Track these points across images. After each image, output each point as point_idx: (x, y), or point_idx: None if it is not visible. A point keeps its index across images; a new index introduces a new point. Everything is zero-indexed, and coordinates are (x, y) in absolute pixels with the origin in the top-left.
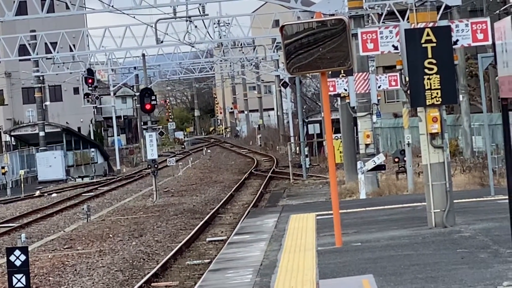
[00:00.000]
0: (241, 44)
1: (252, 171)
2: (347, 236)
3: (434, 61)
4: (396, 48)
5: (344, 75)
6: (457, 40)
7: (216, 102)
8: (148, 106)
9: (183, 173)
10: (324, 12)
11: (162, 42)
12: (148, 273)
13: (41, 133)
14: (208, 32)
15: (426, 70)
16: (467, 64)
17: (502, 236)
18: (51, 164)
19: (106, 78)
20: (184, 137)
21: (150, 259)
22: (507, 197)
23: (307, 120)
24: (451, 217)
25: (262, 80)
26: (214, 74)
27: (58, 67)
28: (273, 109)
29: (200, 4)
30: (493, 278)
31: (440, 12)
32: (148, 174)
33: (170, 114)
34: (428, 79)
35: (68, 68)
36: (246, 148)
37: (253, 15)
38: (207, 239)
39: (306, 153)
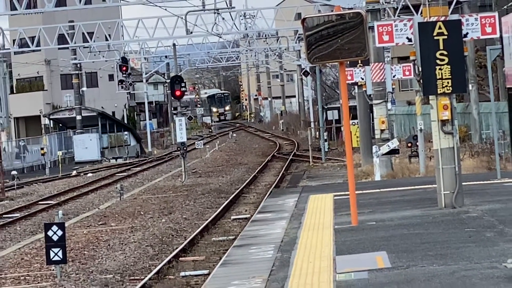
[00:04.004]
0: (265, 35)
1: (275, 154)
2: (363, 216)
3: (445, 53)
4: (410, 40)
5: (361, 65)
6: (467, 33)
7: (241, 89)
8: (178, 93)
9: (210, 155)
10: (343, 6)
11: (191, 33)
12: (177, 248)
13: (78, 117)
14: (234, 23)
15: (437, 61)
16: (476, 56)
17: (507, 216)
18: (87, 146)
19: (139, 66)
20: (211, 122)
21: (179, 235)
22: None
23: (326, 107)
24: (460, 199)
25: (284, 69)
26: (240, 63)
27: (94, 55)
28: (294, 96)
29: None
30: (499, 255)
31: (452, 6)
32: (177, 156)
33: (198, 100)
34: (440, 69)
35: (103, 57)
36: (269, 132)
37: (276, 8)
38: (232, 217)
39: (325, 137)
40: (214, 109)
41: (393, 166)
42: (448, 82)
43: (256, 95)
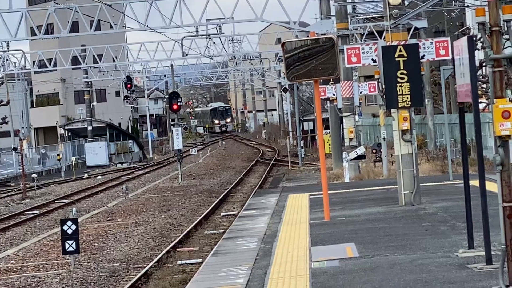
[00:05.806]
0: (250, 57)
1: (258, 159)
2: (334, 212)
3: (405, 72)
4: (374, 61)
5: (333, 82)
6: (424, 55)
7: (230, 104)
8: (175, 106)
9: (203, 160)
10: (317, 32)
11: (187, 55)
12: (174, 240)
13: (89, 127)
14: (224, 47)
15: (398, 79)
16: (431, 75)
17: (458, 213)
18: (97, 152)
19: (142, 84)
20: (204, 132)
21: (176, 229)
22: (462, 181)
23: (302, 119)
24: (418, 197)
25: (267, 86)
26: (228, 81)
27: (103, 74)
28: (275, 109)
29: (217, 25)
30: (451, 246)
31: (410, 32)
32: (174, 161)
33: (192, 112)
34: (400, 86)
35: (111, 75)
36: (254, 140)
37: (260, 34)
38: (222, 214)
39: (302, 145)
40: (216, 121)
41: (360, 169)
42: (407, 97)
43: (242, 109)
